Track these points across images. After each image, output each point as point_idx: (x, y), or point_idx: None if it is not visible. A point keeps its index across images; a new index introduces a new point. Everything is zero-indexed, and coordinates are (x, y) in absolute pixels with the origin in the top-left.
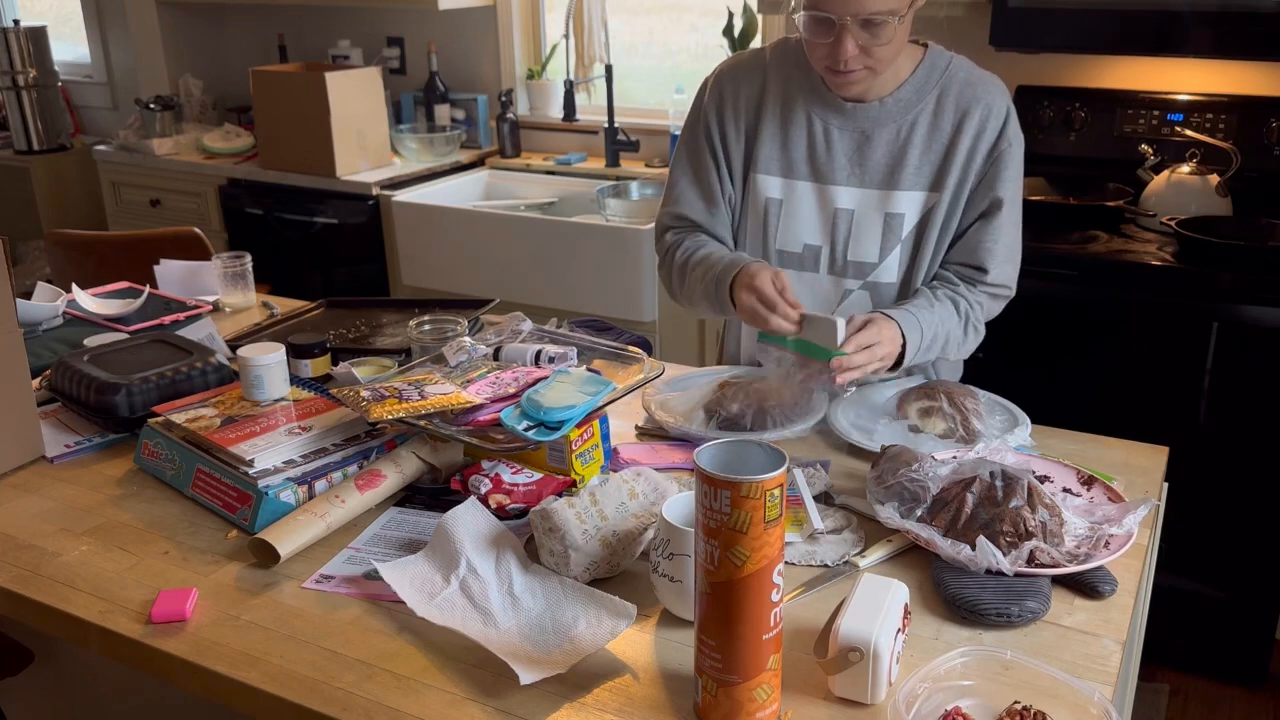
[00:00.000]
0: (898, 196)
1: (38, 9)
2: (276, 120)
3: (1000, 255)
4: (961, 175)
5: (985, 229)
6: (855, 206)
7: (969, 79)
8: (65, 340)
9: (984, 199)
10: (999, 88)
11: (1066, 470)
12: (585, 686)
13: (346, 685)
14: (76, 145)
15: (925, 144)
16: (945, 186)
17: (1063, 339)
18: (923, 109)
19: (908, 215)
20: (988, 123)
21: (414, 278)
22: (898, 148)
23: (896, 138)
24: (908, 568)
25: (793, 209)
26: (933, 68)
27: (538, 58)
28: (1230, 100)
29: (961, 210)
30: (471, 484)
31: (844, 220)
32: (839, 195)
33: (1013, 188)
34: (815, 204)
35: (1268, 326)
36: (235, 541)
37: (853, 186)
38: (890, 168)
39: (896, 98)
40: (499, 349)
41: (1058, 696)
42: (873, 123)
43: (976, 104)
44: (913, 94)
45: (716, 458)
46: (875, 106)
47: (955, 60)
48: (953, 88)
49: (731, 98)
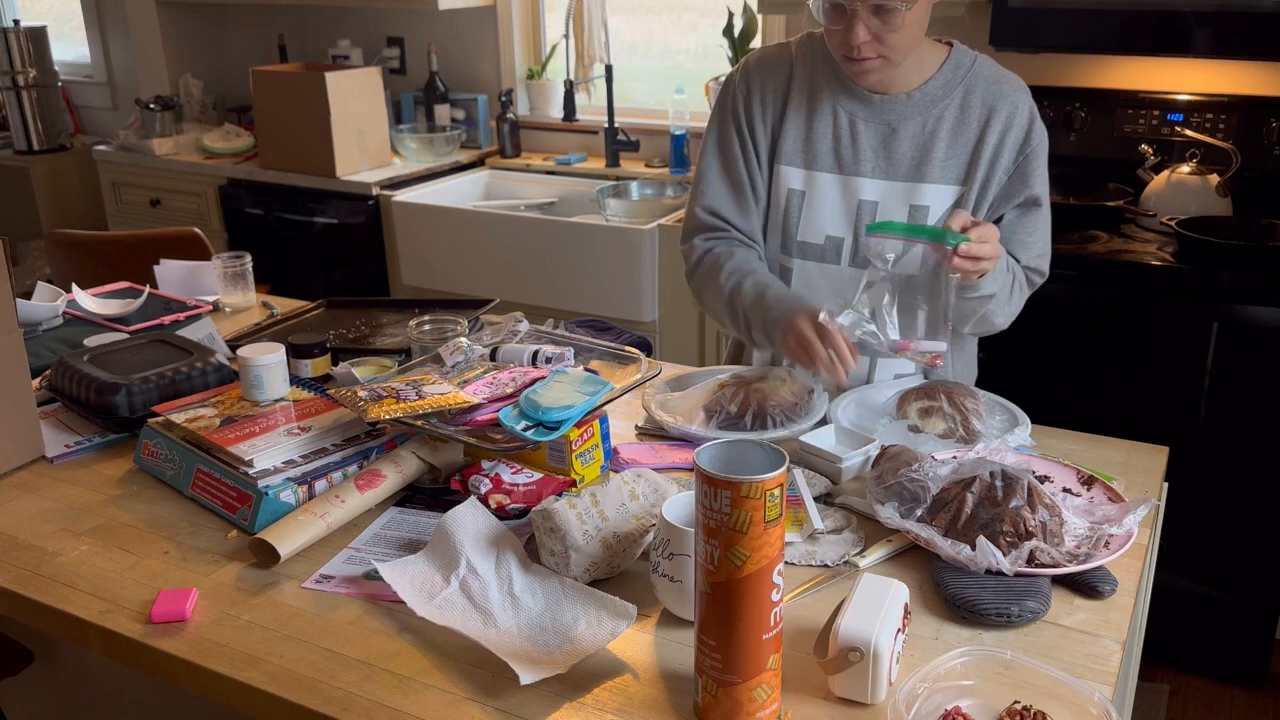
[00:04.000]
0: (924, 189)
1: (38, 9)
2: (276, 120)
3: (1035, 249)
4: (989, 171)
5: (1020, 223)
6: (879, 198)
7: (994, 77)
8: (65, 340)
9: (1018, 194)
10: (1022, 86)
11: (1066, 470)
12: (585, 686)
13: (346, 685)
14: (76, 145)
15: (952, 138)
16: (974, 181)
17: (1063, 339)
18: (949, 104)
19: (933, 208)
20: (1014, 120)
21: (414, 278)
22: (924, 141)
23: (922, 131)
24: (908, 568)
25: (815, 201)
26: (958, 65)
27: (538, 58)
28: (1230, 100)
29: (990, 204)
30: (471, 484)
31: (867, 211)
32: (863, 187)
33: (1045, 183)
34: (839, 195)
35: (1268, 326)
36: (235, 541)
37: (878, 178)
38: (916, 161)
39: (923, 92)
40: (496, 349)
41: (1058, 696)
42: (899, 115)
43: (1003, 101)
44: (939, 89)
45: (716, 458)
46: (902, 99)
47: (980, 59)
48: (979, 85)
49: (759, 90)
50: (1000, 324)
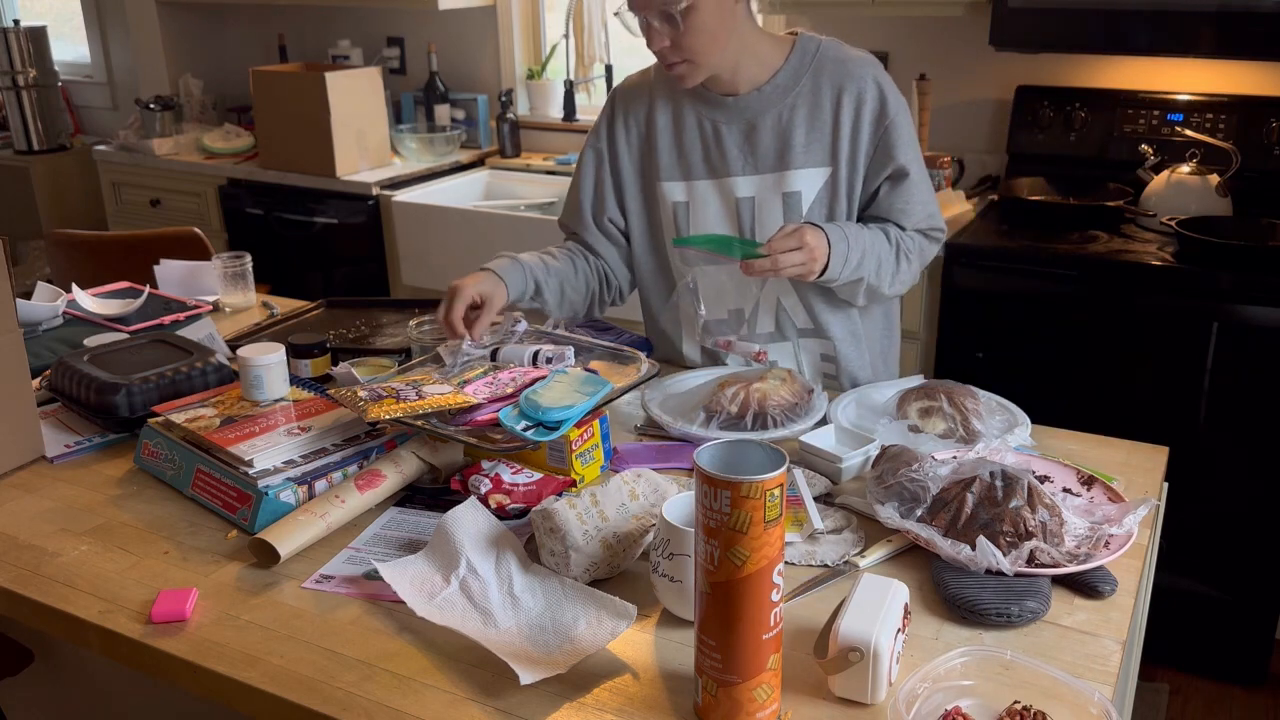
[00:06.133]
0: (791, 176)
1: (38, 9)
2: (276, 120)
3: (916, 215)
4: (852, 147)
5: (894, 193)
6: (754, 193)
7: (840, 57)
8: (65, 340)
9: (885, 167)
10: (871, 61)
11: (1066, 470)
12: (585, 686)
13: (346, 685)
14: (76, 145)
15: (809, 124)
16: (839, 160)
17: (1063, 339)
18: (800, 91)
19: (804, 192)
20: (865, 94)
21: (414, 278)
22: (782, 131)
23: (780, 122)
24: (908, 568)
25: (698, 208)
26: (804, 53)
27: (538, 58)
28: (1230, 100)
29: (863, 178)
30: (471, 484)
31: (746, 208)
32: (737, 185)
33: (911, 151)
34: (718, 199)
35: (1268, 326)
36: (235, 541)
37: (748, 175)
38: (779, 151)
39: (773, 85)
40: (496, 350)
41: (1058, 696)
42: (755, 112)
43: (849, 79)
44: (789, 79)
45: (716, 458)
46: (754, 96)
47: (825, 43)
48: (826, 68)
49: (622, 117)
50: (891, 293)
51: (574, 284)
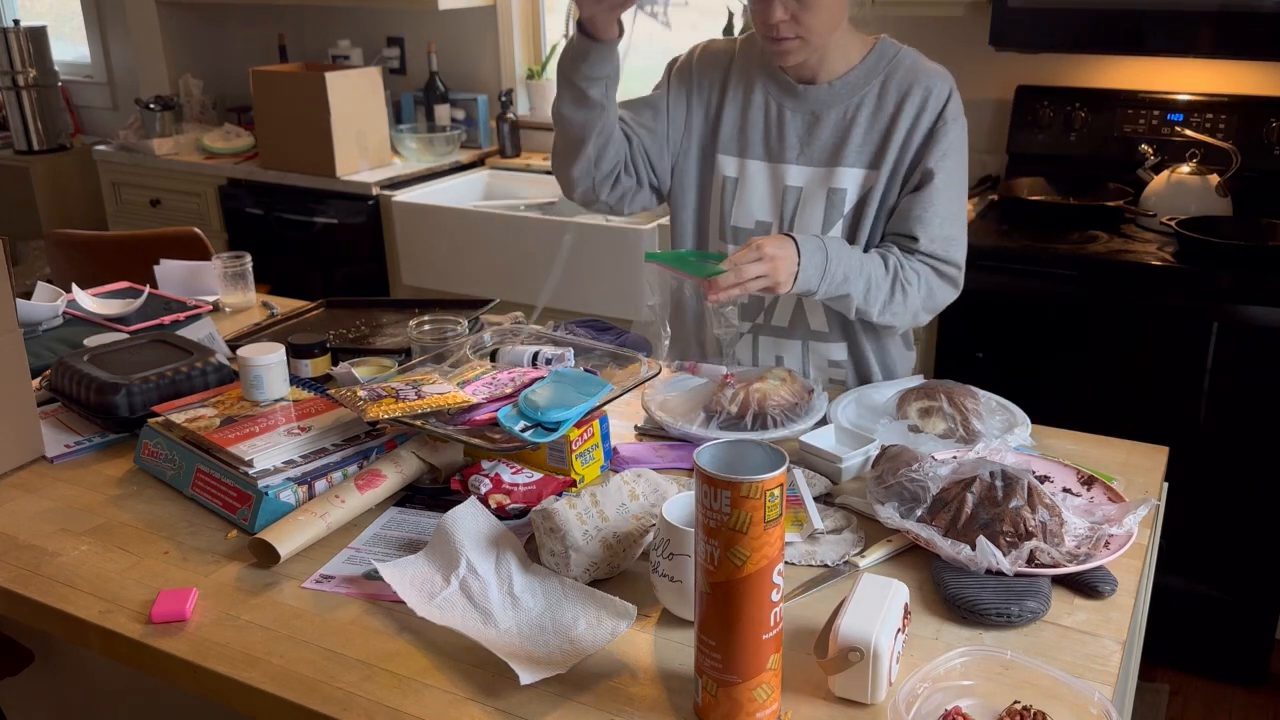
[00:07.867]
0: (840, 173)
1: (38, 9)
2: (276, 120)
3: (932, 225)
4: (899, 154)
5: (915, 199)
6: (803, 184)
7: (914, 65)
8: (65, 340)
9: (916, 172)
10: (943, 74)
11: (1066, 470)
12: (585, 686)
13: (346, 685)
14: (76, 145)
15: (869, 124)
16: (884, 164)
17: (1063, 339)
18: (869, 91)
19: (849, 191)
20: (927, 103)
21: (414, 278)
22: (843, 127)
23: (843, 118)
24: (908, 568)
25: (747, 187)
26: (881, 55)
27: (538, 58)
28: (1230, 100)
29: (899, 187)
30: (471, 484)
31: (792, 197)
32: (789, 173)
33: (948, 163)
34: (767, 182)
35: (1268, 326)
36: (235, 541)
37: (801, 165)
38: (835, 146)
39: (845, 80)
40: (496, 351)
41: (1058, 696)
42: (823, 104)
43: (917, 86)
44: (861, 77)
45: (716, 458)
46: (825, 89)
47: (904, 50)
48: (898, 73)
49: (699, 75)
50: (881, 322)
51: (619, 135)
